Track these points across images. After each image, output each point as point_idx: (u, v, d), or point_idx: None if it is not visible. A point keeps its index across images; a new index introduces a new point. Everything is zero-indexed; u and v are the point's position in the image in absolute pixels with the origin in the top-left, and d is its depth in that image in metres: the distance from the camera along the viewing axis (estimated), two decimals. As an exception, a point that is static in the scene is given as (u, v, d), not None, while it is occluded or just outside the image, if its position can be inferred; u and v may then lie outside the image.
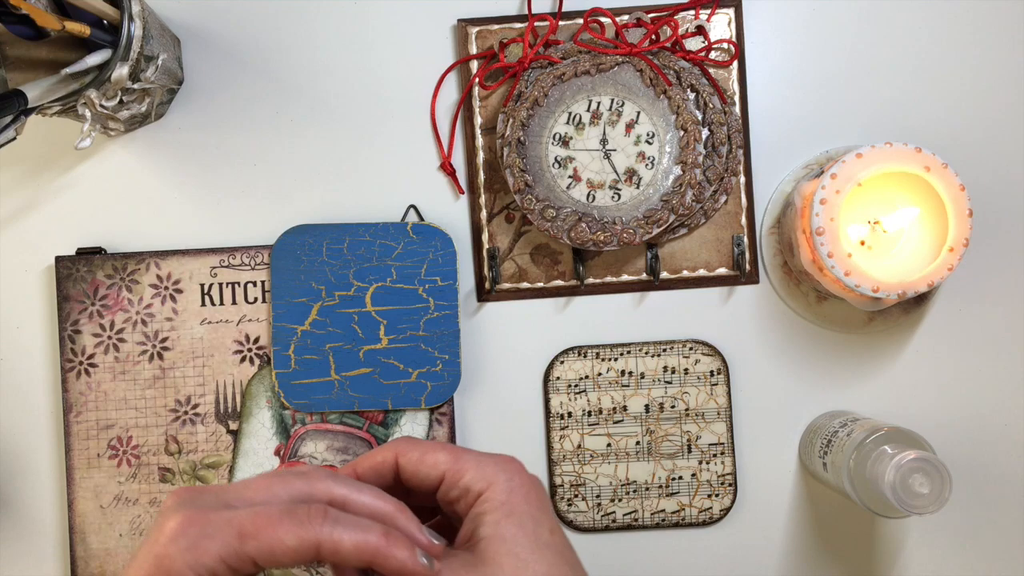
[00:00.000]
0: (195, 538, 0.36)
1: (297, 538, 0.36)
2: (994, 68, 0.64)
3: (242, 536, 0.36)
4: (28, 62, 0.57)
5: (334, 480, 0.39)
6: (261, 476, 0.39)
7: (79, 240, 0.65)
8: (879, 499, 0.54)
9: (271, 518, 0.36)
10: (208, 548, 0.36)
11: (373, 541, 0.37)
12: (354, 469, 0.41)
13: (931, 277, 0.57)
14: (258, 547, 0.36)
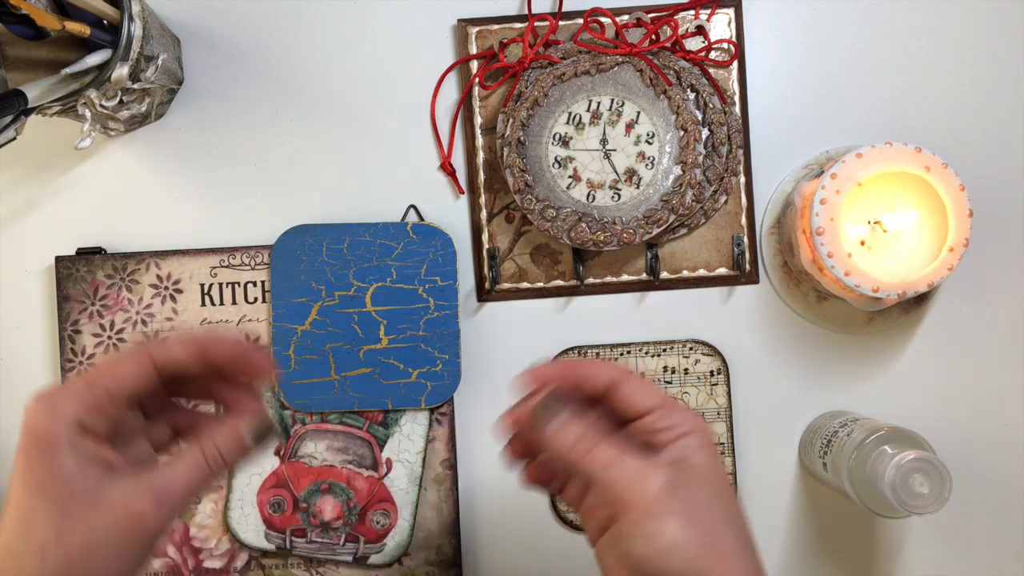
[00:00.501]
0: (51, 404, 0.40)
1: (134, 361, 0.41)
2: (994, 68, 0.64)
3: (90, 383, 0.41)
4: (28, 62, 0.57)
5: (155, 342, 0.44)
6: None
7: (79, 240, 0.65)
8: (879, 499, 0.54)
9: (109, 361, 0.42)
10: (65, 405, 0.40)
11: (197, 337, 0.42)
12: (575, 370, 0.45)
13: (931, 277, 0.57)
14: (106, 384, 0.41)
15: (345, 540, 0.63)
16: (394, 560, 0.63)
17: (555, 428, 0.42)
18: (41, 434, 0.40)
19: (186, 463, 0.42)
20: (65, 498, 0.39)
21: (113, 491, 0.40)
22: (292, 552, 0.63)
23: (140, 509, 0.40)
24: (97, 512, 0.40)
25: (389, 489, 0.63)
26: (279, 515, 0.63)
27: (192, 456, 0.42)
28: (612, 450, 0.41)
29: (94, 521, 0.39)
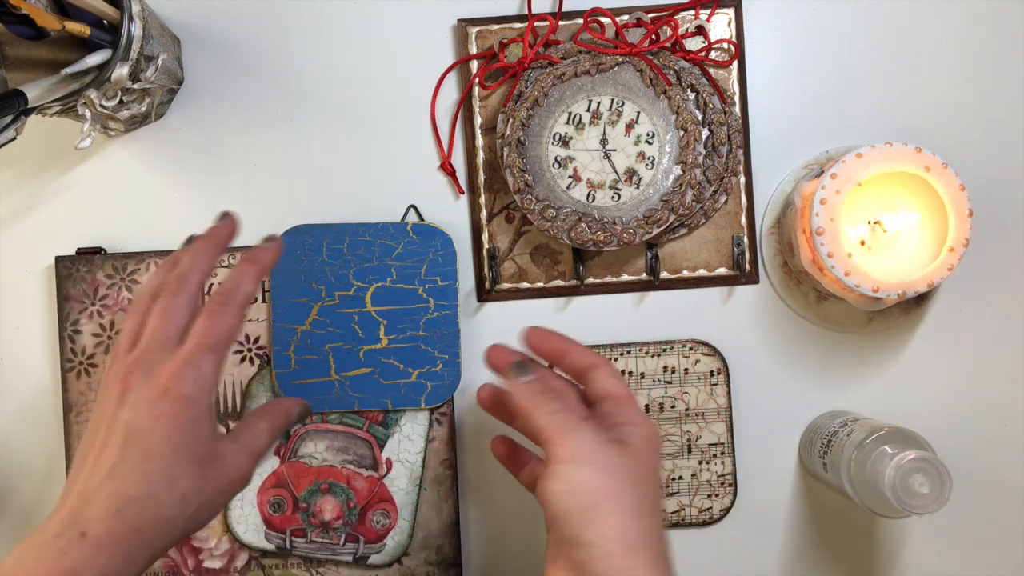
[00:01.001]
0: (198, 372, 0.47)
1: (236, 317, 0.50)
2: (994, 68, 0.64)
3: (212, 350, 0.48)
4: (28, 62, 0.57)
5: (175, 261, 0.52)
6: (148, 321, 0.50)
7: (79, 240, 0.65)
8: (879, 499, 0.54)
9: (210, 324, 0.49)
10: (210, 375, 0.48)
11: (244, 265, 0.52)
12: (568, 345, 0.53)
13: (931, 277, 0.57)
14: (225, 346, 0.49)
15: (345, 540, 0.63)
16: (394, 560, 0.63)
17: (522, 382, 0.50)
18: (191, 400, 0.47)
19: (264, 432, 0.52)
20: (204, 457, 0.48)
21: (228, 452, 0.49)
22: (292, 552, 0.63)
23: (247, 467, 0.50)
24: (221, 469, 0.49)
25: (389, 489, 0.63)
26: (279, 515, 0.63)
27: (264, 426, 0.52)
28: (559, 403, 0.48)
29: (219, 476, 0.48)
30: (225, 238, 0.54)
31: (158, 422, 0.47)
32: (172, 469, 0.46)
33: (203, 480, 0.48)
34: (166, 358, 0.48)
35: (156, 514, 0.46)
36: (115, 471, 0.46)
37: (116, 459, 0.46)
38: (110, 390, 0.49)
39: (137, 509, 0.46)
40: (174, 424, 0.47)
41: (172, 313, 0.50)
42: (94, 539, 0.45)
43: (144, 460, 0.46)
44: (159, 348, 0.49)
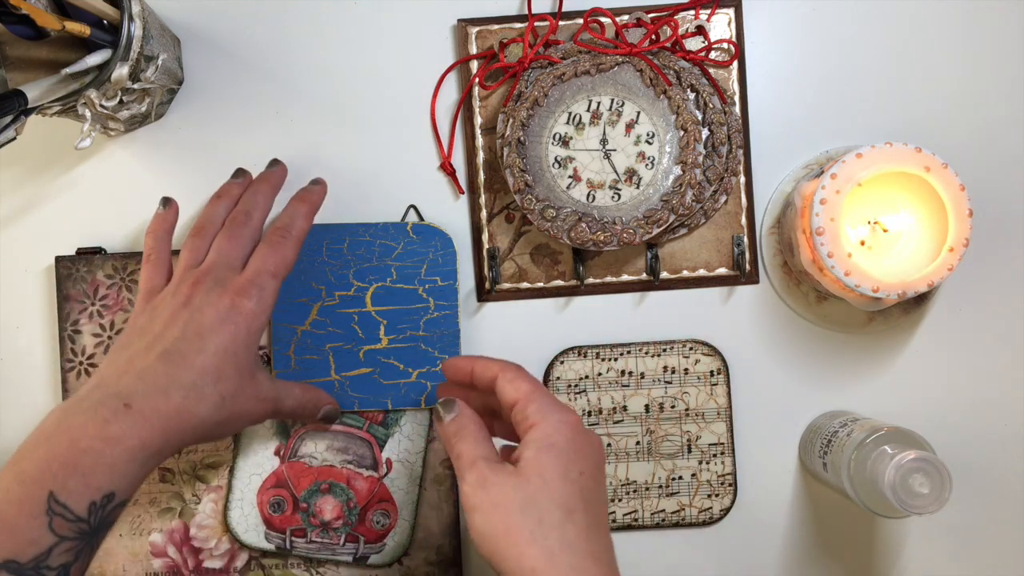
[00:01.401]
0: (263, 293, 0.54)
1: (295, 248, 0.57)
2: (994, 68, 0.64)
3: (275, 276, 0.55)
4: (28, 62, 0.57)
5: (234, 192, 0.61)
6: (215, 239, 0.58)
7: (79, 240, 0.65)
8: (879, 499, 0.54)
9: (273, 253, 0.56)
10: (271, 299, 0.55)
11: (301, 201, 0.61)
12: (471, 364, 0.54)
13: (931, 277, 0.57)
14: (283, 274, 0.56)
15: (345, 540, 0.63)
16: (394, 560, 0.63)
17: (445, 421, 0.51)
18: (253, 316, 0.53)
19: (293, 398, 0.58)
20: (247, 372, 0.53)
21: (264, 380, 0.55)
22: (292, 552, 0.63)
23: (270, 400, 0.56)
24: (256, 389, 0.54)
25: (389, 489, 0.63)
26: (279, 515, 0.63)
27: (296, 395, 0.58)
28: (467, 446, 0.49)
29: (254, 393, 0.54)
30: (279, 181, 0.61)
31: (221, 326, 0.52)
32: (220, 369, 0.52)
33: (241, 389, 0.53)
34: (233, 276, 0.54)
35: (197, 404, 0.50)
36: (169, 356, 0.51)
37: (172, 346, 0.51)
38: (175, 292, 0.54)
39: (182, 394, 0.50)
40: (234, 332, 0.52)
41: (239, 240, 0.56)
42: (138, 411, 0.49)
43: (200, 353, 0.51)
44: (227, 266, 0.55)
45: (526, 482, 0.47)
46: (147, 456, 0.49)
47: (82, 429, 0.47)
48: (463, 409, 0.51)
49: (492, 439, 0.51)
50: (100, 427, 0.47)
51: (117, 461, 0.47)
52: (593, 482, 0.48)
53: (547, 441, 0.48)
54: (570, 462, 0.48)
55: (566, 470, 0.47)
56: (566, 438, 0.48)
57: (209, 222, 0.58)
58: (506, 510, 0.46)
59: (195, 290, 0.53)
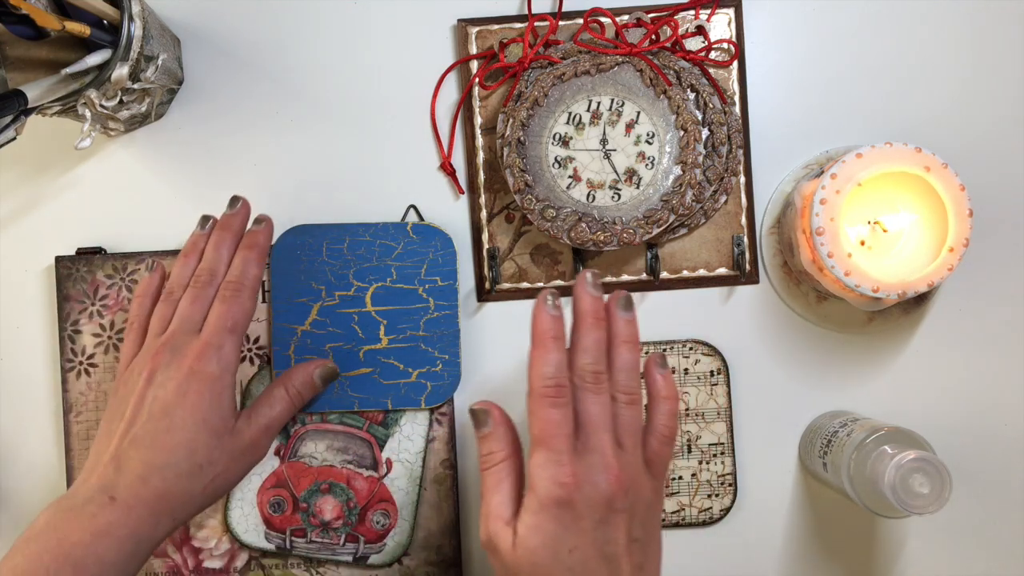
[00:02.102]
0: (220, 352, 0.54)
1: (253, 301, 0.57)
2: (994, 68, 0.64)
3: (233, 331, 0.55)
4: (28, 62, 0.57)
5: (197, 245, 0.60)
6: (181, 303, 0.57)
7: (79, 240, 0.65)
8: (879, 499, 0.54)
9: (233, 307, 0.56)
10: (231, 354, 0.54)
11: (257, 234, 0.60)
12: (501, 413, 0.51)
13: (931, 277, 0.57)
14: (244, 326, 0.56)
15: (345, 540, 0.63)
16: (394, 560, 0.63)
17: (478, 435, 0.50)
18: (215, 378, 0.53)
19: (278, 400, 0.58)
20: (222, 431, 0.53)
21: (242, 426, 0.55)
22: (292, 552, 0.63)
23: (260, 440, 0.56)
24: (236, 442, 0.54)
25: (389, 489, 0.63)
26: (279, 515, 0.63)
27: (281, 395, 0.58)
28: (488, 485, 0.48)
29: (234, 448, 0.54)
30: (241, 225, 0.59)
31: (184, 398, 0.52)
32: (192, 442, 0.52)
33: (219, 452, 0.53)
34: (191, 340, 0.54)
35: (176, 482, 0.51)
36: (141, 442, 0.51)
37: (143, 431, 0.52)
38: (140, 370, 0.54)
39: (160, 476, 0.51)
40: (198, 401, 0.52)
41: (201, 302, 0.56)
42: (123, 503, 0.50)
43: (168, 432, 0.51)
44: (186, 331, 0.55)
45: (518, 569, 0.45)
46: (137, 544, 0.50)
47: (72, 524, 0.49)
48: (498, 428, 0.50)
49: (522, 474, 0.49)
50: (88, 522, 0.49)
51: (107, 552, 0.49)
52: (590, 552, 0.46)
53: (535, 518, 0.46)
54: (559, 542, 0.45)
55: (555, 552, 0.45)
56: (553, 517, 0.46)
57: (178, 285, 0.58)
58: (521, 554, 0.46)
59: (156, 363, 0.54)
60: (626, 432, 0.48)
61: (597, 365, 0.48)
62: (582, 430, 0.47)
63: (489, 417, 0.50)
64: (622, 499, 0.46)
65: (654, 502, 0.48)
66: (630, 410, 0.49)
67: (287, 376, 0.59)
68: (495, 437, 0.49)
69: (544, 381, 0.48)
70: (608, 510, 0.46)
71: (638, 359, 0.50)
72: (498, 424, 0.50)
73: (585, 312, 0.50)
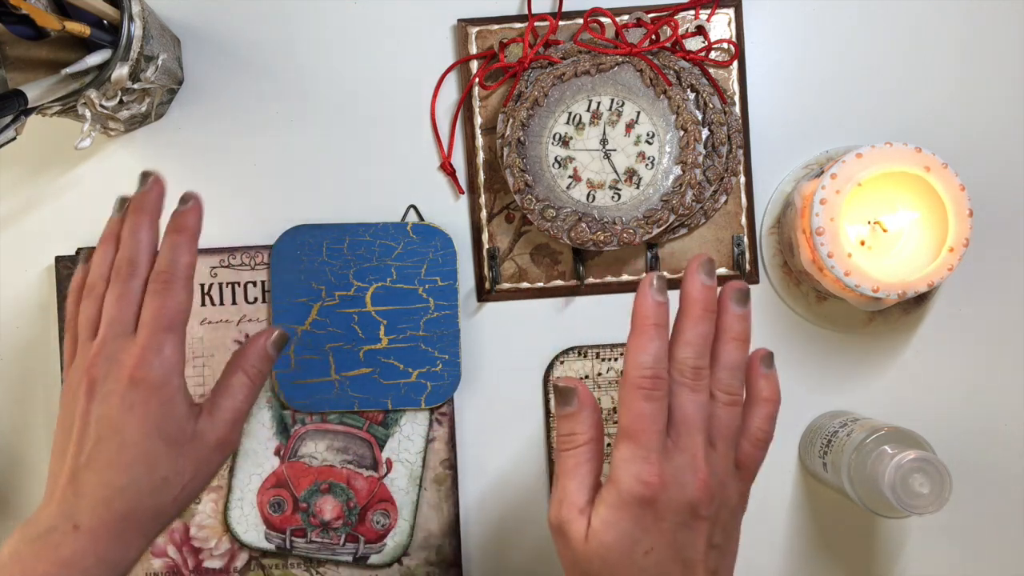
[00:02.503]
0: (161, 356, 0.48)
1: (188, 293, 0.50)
2: (994, 68, 0.64)
3: (171, 328, 0.49)
4: (28, 62, 0.57)
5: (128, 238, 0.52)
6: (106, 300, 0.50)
7: (79, 240, 0.65)
8: (879, 499, 0.54)
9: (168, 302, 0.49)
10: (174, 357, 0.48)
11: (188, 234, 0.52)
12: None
13: (931, 277, 0.57)
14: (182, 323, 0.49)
15: (345, 540, 0.63)
16: (394, 560, 0.63)
17: (559, 413, 0.47)
18: (160, 385, 0.48)
19: (238, 387, 0.52)
20: (180, 439, 0.48)
21: (204, 427, 0.50)
22: (292, 552, 0.63)
23: (227, 437, 0.50)
24: (199, 446, 0.49)
25: (389, 489, 0.63)
26: (279, 515, 0.63)
27: (238, 379, 0.52)
28: (565, 469, 0.46)
29: (198, 453, 0.49)
30: (156, 203, 0.53)
31: (131, 412, 0.47)
32: (148, 456, 0.47)
33: (182, 460, 0.48)
34: (127, 345, 0.48)
35: (140, 501, 0.47)
36: (95, 463, 0.47)
37: (95, 452, 0.47)
38: (77, 383, 0.49)
39: (121, 498, 0.47)
40: (146, 412, 0.47)
41: (128, 298, 0.50)
42: (87, 530, 0.46)
43: (121, 451, 0.47)
44: (117, 335, 0.49)
45: (587, 562, 0.43)
46: (108, 570, 0.47)
47: (37, 555, 0.46)
48: (580, 409, 0.46)
49: (602, 461, 0.47)
50: (53, 552, 0.45)
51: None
52: (666, 556, 0.44)
53: (613, 513, 0.43)
54: (635, 542, 0.43)
55: (630, 551, 0.43)
56: (632, 515, 0.43)
57: (99, 278, 0.51)
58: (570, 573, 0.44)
59: (93, 375, 0.48)
60: (720, 434, 0.46)
61: (700, 360, 0.45)
62: (674, 428, 0.45)
63: (575, 396, 0.46)
64: (707, 506, 0.44)
65: (738, 507, 0.47)
66: (728, 411, 0.46)
67: (241, 357, 0.53)
68: (579, 418, 0.46)
69: (640, 371, 0.44)
70: (691, 516, 0.44)
71: (745, 358, 0.47)
72: (583, 404, 0.46)
73: (694, 301, 0.46)
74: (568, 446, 0.46)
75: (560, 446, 0.46)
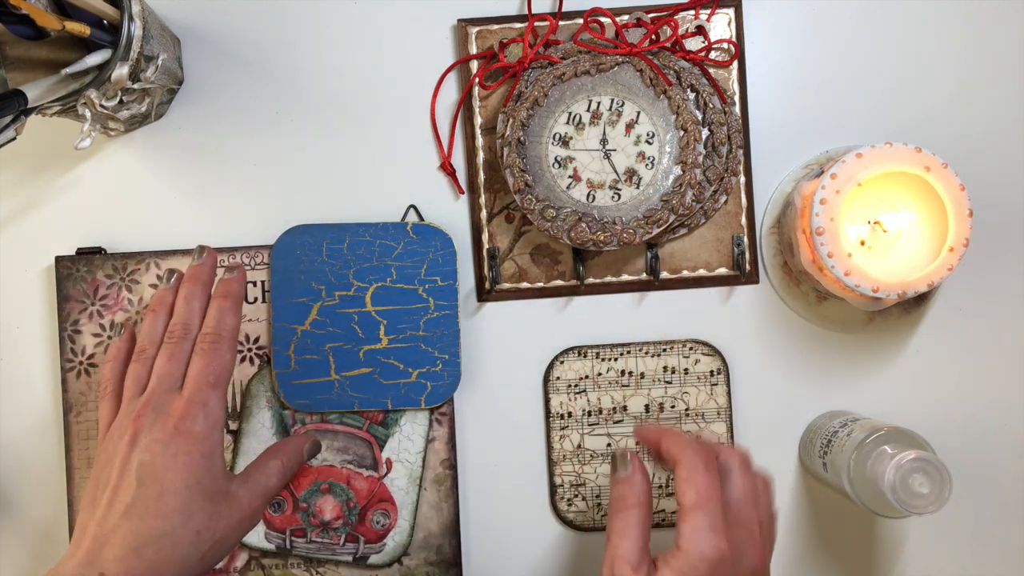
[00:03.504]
0: (207, 410, 0.51)
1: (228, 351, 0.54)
2: (994, 68, 0.64)
3: (216, 385, 0.52)
4: (28, 62, 0.57)
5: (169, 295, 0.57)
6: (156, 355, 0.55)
7: (79, 240, 0.65)
8: (879, 499, 0.54)
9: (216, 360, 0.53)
10: (219, 412, 0.51)
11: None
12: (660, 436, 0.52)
13: (931, 277, 0.57)
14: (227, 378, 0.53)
15: (345, 540, 0.63)
16: (394, 560, 0.63)
17: (616, 478, 0.52)
18: (203, 437, 0.50)
19: (274, 469, 0.55)
20: (218, 495, 0.50)
21: (240, 491, 0.52)
22: (292, 552, 0.63)
23: (257, 506, 0.53)
24: (233, 507, 0.51)
25: (389, 489, 0.63)
26: (279, 515, 0.63)
27: (276, 466, 0.55)
28: (617, 530, 0.49)
29: (232, 513, 0.51)
30: (210, 275, 0.57)
31: (173, 460, 0.49)
32: (187, 506, 0.48)
33: (216, 517, 0.50)
34: (173, 399, 0.51)
35: (172, 552, 0.47)
36: (131, 511, 0.48)
37: (131, 499, 0.48)
38: (120, 434, 0.51)
39: (154, 547, 0.47)
40: (188, 462, 0.49)
41: (178, 358, 0.53)
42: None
43: (160, 498, 0.48)
44: (166, 390, 0.52)
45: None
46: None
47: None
48: (635, 475, 0.51)
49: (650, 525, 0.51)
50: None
51: None
52: None
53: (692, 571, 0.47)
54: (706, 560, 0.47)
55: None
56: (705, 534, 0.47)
57: (149, 342, 0.55)
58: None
59: (139, 425, 0.50)
60: (764, 511, 0.52)
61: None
62: (732, 506, 0.50)
63: (629, 463, 0.51)
64: (764, 573, 0.49)
65: None
66: (767, 492, 0.53)
67: (282, 449, 0.56)
68: (631, 483, 0.51)
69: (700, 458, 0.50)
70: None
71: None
72: (636, 471, 0.51)
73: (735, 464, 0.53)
74: (621, 507, 0.50)
75: (613, 506, 0.51)
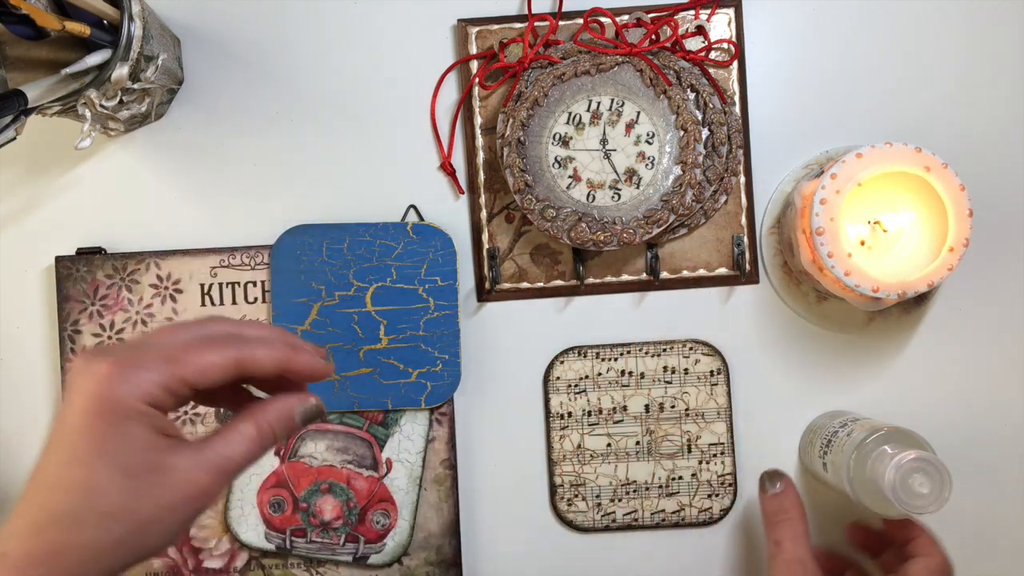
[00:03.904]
0: (126, 374, 0.39)
1: (222, 356, 0.41)
2: (994, 68, 0.64)
3: (172, 361, 0.40)
4: (28, 62, 0.57)
5: (224, 320, 0.44)
6: (160, 328, 0.43)
7: (79, 240, 0.65)
8: (879, 499, 0.54)
9: (193, 346, 0.41)
10: (142, 379, 0.39)
11: (281, 350, 0.42)
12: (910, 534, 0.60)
13: (931, 277, 0.57)
14: (187, 373, 0.40)
15: (345, 540, 0.63)
16: (394, 560, 0.63)
17: (768, 494, 0.59)
18: (117, 403, 0.39)
19: (242, 437, 0.42)
20: (136, 469, 0.39)
21: (177, 462, 0.40)
22: (292, 552, 0.63)
23: (201, 481, 0.40)
24: (167, 484, 0.39)
25: (389, 489, 0.63)
26: (279, 515, 0.63)
27: (247, 431, 0.42)
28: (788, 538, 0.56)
29: (160, 492, 0.39)
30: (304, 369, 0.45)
31: (76, 424, 0.39)
32: (92, 480, 0.38)
33: (136, 496, 0.39)
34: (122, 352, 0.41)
35: (77, 534, 0.38)
36: (43, 478, 0.39)
37: (42, 463, 0.39)
38: None
39: (56, 527, 0.38)
40: (97, 429, 0.39)
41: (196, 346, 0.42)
42: (12, 561, 0.38)
43: (66, 466, 0.39)
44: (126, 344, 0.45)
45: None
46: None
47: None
48: (788, 489, 0.58)
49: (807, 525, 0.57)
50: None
51: None
52: None
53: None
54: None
55: None
56: None
57: None
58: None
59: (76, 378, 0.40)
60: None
61: None
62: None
63: (780, 480, 0.58)
64: None
65: None
66: None
67: (261, 410, 0.43)
68: (788, 496, 0.58)
69: None
70: None
71: None
72: (789, 486, 0.58)
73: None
74: (784, 518, 0.57)
75: (775, 518, 0.58)
